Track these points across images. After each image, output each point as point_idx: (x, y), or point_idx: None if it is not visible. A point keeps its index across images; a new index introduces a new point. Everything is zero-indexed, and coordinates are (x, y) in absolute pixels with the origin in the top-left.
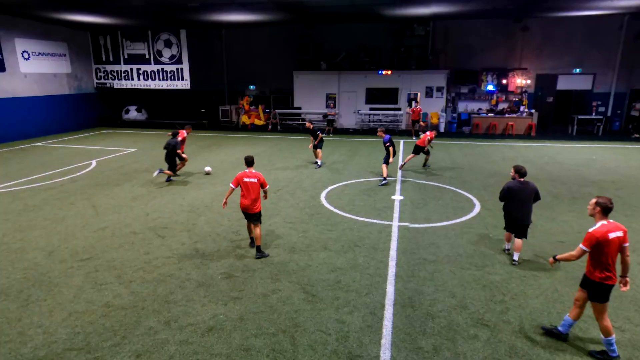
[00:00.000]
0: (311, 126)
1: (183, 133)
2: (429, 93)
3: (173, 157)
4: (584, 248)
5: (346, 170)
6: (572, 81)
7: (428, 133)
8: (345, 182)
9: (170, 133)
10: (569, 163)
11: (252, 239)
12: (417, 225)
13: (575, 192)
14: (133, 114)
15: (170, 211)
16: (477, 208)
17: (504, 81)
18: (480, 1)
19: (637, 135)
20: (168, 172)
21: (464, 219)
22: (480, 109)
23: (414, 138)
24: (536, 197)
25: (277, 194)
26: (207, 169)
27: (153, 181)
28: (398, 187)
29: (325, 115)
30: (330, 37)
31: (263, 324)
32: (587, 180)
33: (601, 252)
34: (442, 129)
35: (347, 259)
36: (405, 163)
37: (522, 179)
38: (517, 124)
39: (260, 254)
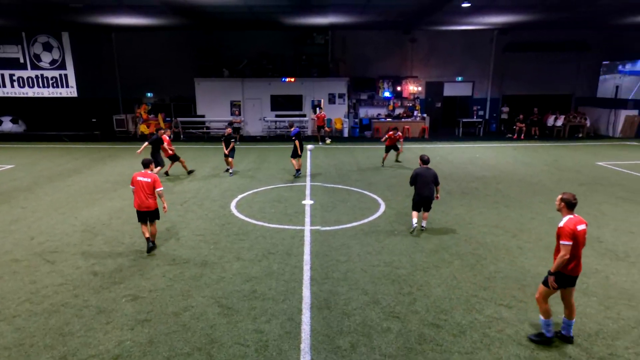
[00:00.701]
0: (231, 131)
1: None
2: (331, 100)
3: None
4: (567, 243)
5: (255, 178)
6: (455, 88)
7: (391, 132)
8: (255, 190)
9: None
10: (457, 161)
11: (147, 240)
12: (328, 228)
13: (464, 187)
14: (8, 125)
15: (61, 232)
16: (383, 208)
17: (399, 88)
18: (372, 13)
19: (510, 135)
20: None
21: (371, 218)
22: (379, 114)
23: (320, 143)
24: (435, 180)
25: (183, 205)
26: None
27: (41, 198)
28: (308, 191)
29: (230, 123)
30: (231, 43)
31: (176, 345)
32: (473, 176)
33: (574, 244)
34: (345, 134)
35: (261, 267)
36: (383, 161)
37: (425, 165)
38: (413, 128)
39: (152, 245)
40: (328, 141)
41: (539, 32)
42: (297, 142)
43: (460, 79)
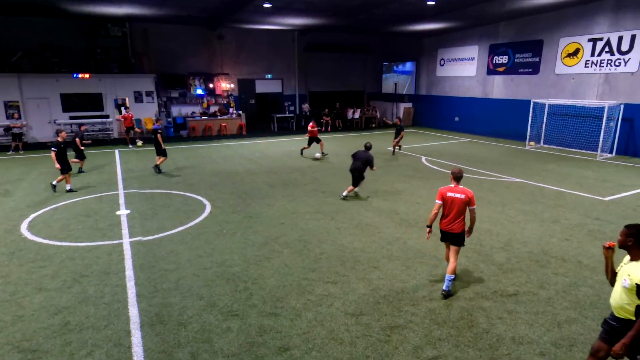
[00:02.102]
0: (65, 136)
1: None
2: (138, 98)
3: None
4: (437, 201)
5: (51, 192)
6: (267, 85)
7: (311, 123)
8: (54, 205)
9: None
10: (276, 155)
11: None
12: (151, 237)
13: (285, 179)
14: None
15: None
16: (208, 208)
17: (211, 85)
18: (173, 7)
19: (319, 128)
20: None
21: (197, 221)
22: (193, 112)
23: (131, 146)
24: (367, 162)
25: None
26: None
27: None
28: (122, 200)
29: (8, 128)
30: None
31: None
32: (291, 168)
33: (447, 206)
34: None
35: (73, 294)
36: (302, 150)
37: (365, 150)
38: (230, 125)
39: None
40: (139, 143)
41: (333, 35)
42: (159, 136)
43: (269, 76)
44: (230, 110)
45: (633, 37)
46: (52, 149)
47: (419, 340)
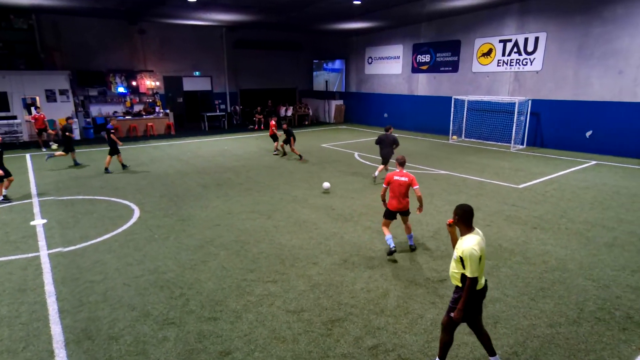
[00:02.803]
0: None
1: None
2: (50, 97)
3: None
4: (383, 185)
5: None
6: (195, 83)
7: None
8: None
9: None
10: (208, 155)
11: None
12: (73, 248)
13: (218, 179)
14: None
15: None
16: (137, 213)
17: (134, 83)
18: None
19: (251, 126)
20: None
21: (125, 227)
22: (115, 111)
23: (44, 150)
24: (394, 142)
25: None
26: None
27: None
28: (37, 209)
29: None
30: None
31: None
32: (225, 167)
33: (393, 189)
34: (77, 136)
35: None
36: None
37: (387, 132)
38: (157, 125)
39: None
40: (54, 146)
41: (263, 32)
42: (112, 136)
43: (197, 73)
44: (157, 109)
45: (537, 39)
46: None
47: (359, 331)
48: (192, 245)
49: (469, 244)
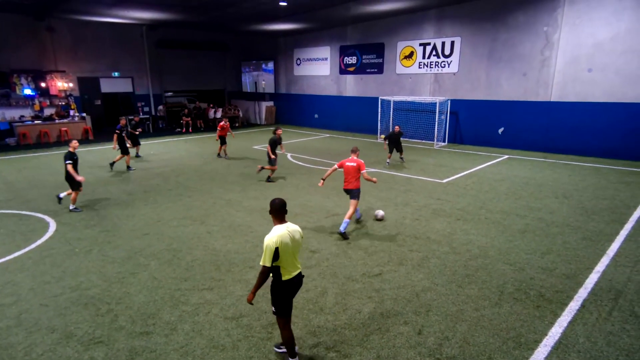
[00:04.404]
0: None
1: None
2: None
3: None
4: (336, 166)
5: None
6: (114, 84)
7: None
8: None
9: None
10: (132, 161)
11: None
12: None
13: (146, 185)
14: None
15: None
16: (53, 226)
17: (43, 84)
18: None
19: (179, 129)
20: None
21: (39, 242)
22: (22, 116)
23: None
24: (400, 134)
25: None
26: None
27: None
28: None
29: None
30: None
31: None
32: (152, 173)
33: (346, 172)
34: None
35: None
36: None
37: (397, 130)
38: (72, 129)
39: None
40: None
41: (188, 31)
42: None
43: (116, 74)
44: (71, 112)
45: (452, 43)
46: None
47: (299, 331)
48: (118, 257)
49: (269, 235)
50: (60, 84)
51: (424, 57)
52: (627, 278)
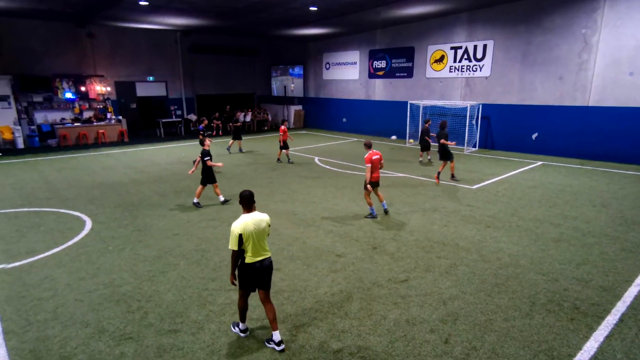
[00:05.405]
0: None
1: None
2: None
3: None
4: (367, 165)
5: None
6: (149, 88)
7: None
8: None
9: None
10: (164, 162)
11: None
12: (18, 264)
13: (177, 187)
14: None
15: None
16: (89, 224)
17: (83, 88)
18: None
19: (210, 132)
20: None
21: (76, 239)
22: (63, 118)
23: None
24: (425, 132)
25: None
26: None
27: None
28: None
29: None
30: None
31: None
32: (183, 175)
33: (374, 166)
34: (20, 145)
35: None
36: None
37: (426, 126)
38: (108, 132)
39: None
40: None
41: (219, 37)
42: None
43: (151, 78)
44: (108, 115)
45: (485, 47)
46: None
47: (323, 335)
48: (149, 256)
49: (235, 222)
50: (99, 88)
51: (455, 61)
52: None
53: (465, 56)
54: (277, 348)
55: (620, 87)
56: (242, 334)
